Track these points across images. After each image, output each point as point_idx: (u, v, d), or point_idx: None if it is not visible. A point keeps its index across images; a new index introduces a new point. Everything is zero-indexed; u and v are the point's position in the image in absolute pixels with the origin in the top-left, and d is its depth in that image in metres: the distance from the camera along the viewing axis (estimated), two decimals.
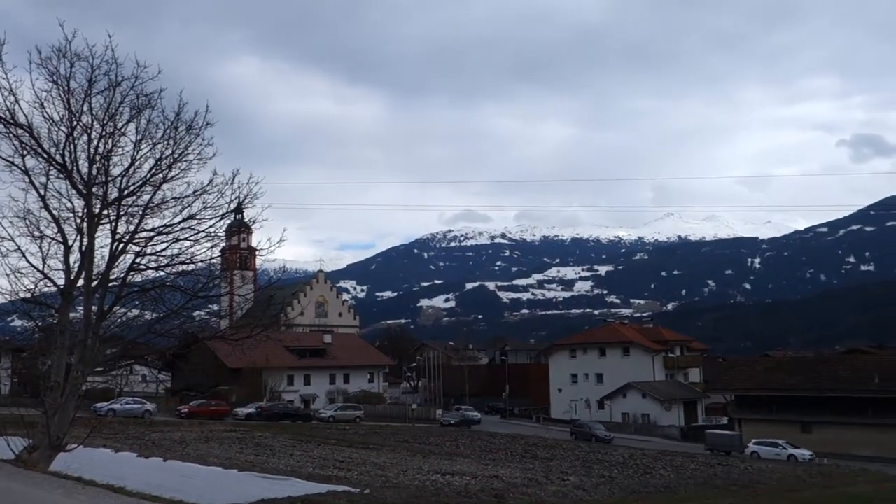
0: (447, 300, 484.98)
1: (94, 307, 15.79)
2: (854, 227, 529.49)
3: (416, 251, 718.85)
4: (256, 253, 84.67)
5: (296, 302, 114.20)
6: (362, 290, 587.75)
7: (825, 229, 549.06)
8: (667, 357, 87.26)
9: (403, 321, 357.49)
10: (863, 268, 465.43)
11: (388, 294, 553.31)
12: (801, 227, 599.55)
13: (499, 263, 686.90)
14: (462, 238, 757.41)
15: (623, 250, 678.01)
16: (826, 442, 59.35)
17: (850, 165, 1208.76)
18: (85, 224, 15.84)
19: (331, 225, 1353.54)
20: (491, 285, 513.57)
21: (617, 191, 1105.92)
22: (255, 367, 67.96)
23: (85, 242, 15.78)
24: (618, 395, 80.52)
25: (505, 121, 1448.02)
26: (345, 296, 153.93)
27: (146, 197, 16.35)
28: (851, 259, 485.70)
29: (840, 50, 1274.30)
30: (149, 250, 16.52)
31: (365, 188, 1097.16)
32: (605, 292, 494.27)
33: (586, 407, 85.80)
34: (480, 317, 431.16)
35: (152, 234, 16.44)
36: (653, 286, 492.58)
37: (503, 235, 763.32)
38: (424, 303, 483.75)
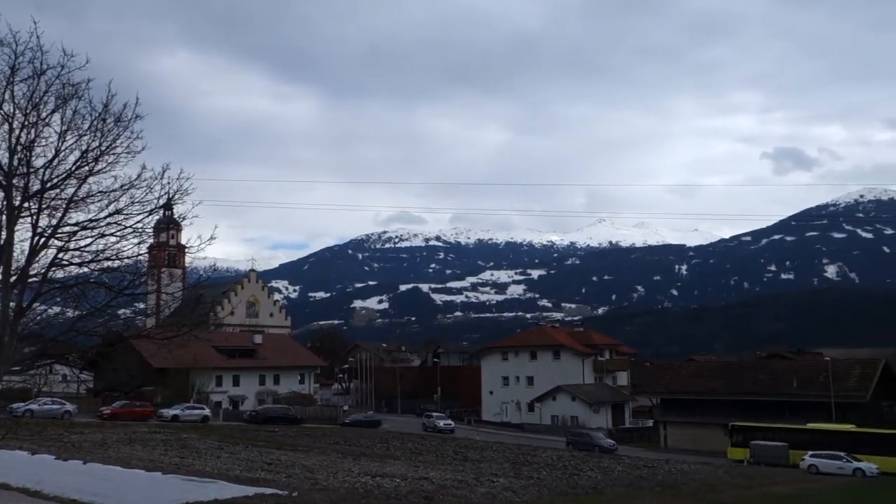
0: (381, 301, 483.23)
1: (11, 303, 15.18)
2: (776, 237, 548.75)
3: (350, 252, 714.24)
4: (186, 250, 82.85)
5: (226, 301, 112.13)
6: (295, 291, 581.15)
7: (749, 238, 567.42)
8: (596, 360, 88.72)
9: (336, 322, 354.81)
10: (783, 276, 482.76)
11: (321, 295, 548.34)
12: (727, 236, 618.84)
13: (433, 265, 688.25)
14: (397, 239, 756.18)
15: (556, 255, 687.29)
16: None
17: (772, 177, 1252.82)
18: (3, 217, 15.20)
19: (264, 224, 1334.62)
20: (425, 287, 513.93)
21: (551, 196, 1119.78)
22: (182, 367, 66.45)
23: (3, 236, 15.16)
24: (548, 397, 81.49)
25: (442, 123, 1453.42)
26: (276, 296, 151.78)
27: (70, 190, 15.79)
28: (773, 267, 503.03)
29: (764, 67, 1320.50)
30: (72, 245, 15.96)
31: (300, 188, 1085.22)
32: (537, 296, 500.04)
33: (517, 409, 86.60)
34: (414, 318, 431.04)
35: (76, 228, 15.89)
36: (584, 290, 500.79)
37: (438, 238, 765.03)
38: (358, 304, 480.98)
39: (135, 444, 40.33)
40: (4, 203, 15.23)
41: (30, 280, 15.61)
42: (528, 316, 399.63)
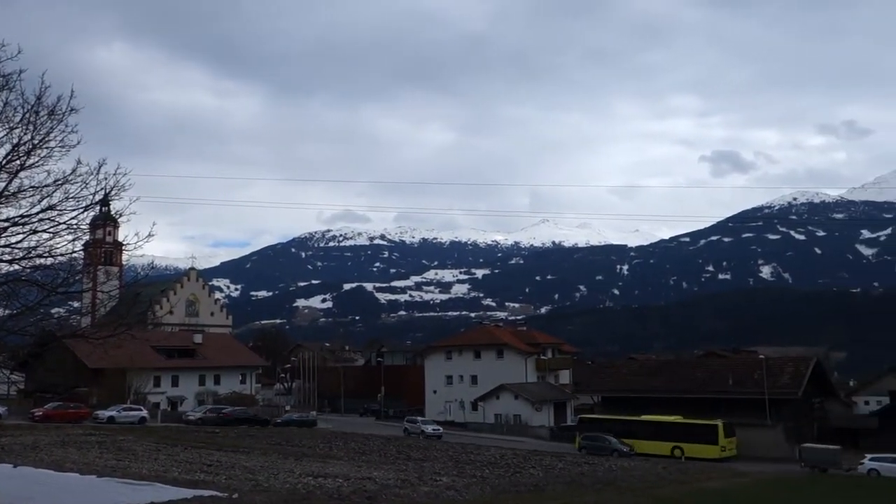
0: (324, 301, 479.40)
1: None
2: (713, 238, 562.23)
3: (293, 250, 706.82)
4: (123, 248, 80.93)
5: (164, 300, 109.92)
6: (236, 289, 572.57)
7: (687, 239, 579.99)
8: (539, 359, 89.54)
9: (279, 321, 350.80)
10: (720, 276, 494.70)
11: (263, 293, 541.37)
12: (666, 237, 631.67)
13: (377, 265, 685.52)
14: (341, 238, 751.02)
15: (500, 254, 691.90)
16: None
17: (710, 179, 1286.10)
18: None
19: (205, 221, 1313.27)
20: (369, 286, 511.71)
21: (495, 196, 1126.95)
22: (119, 367, 64.90)
23: None
24: (491, 396, 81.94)
25: (387, 122, 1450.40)
26: (217, 294, 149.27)
27: (0, 185, 15.30)
28: (710, 268, 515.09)
29: (702, 72, 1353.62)
30: (2, 242, 15.47)
31: (242, 184, 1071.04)
32: (481, 295, 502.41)
33: (460, 408, 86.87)
34: (358, 318, 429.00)
35: (7, 224, 15.40)
36: (527, 290, 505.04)
37: (382, 237, 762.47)
38: (301, 303, 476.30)
39: (69, 447, 39.22)
40: None
41: None
42: (473, 315, 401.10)
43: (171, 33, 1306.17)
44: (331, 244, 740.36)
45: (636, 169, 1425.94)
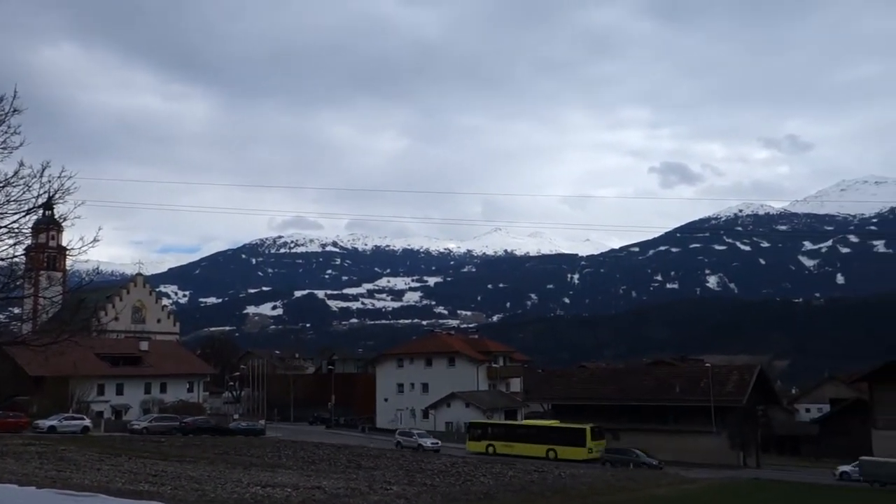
0: (275, 308, 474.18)
1: None
2: (662, 248, 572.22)
3: (243, 256, 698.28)
4: (67, 253, 78.84)
5: (110, 306, 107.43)
6: (184, 296, 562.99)
7: (637, 249, 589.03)
8: (490, 367, 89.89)
9: (228, 328, 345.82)
10: (668, 286, 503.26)
11: (212, 300, 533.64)
12: (616, 246, 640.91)
13: (329, 272, 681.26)
14: (292, 245, 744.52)
15: (452, 262, 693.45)
16: (632, 448, 63.37)
17: (659, 190, 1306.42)
18: None
19: (152, 226, 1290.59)
20: (320, 293, 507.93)
21: (448, 204, 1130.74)
22: (61, 375, 63.24)
23: None
24: (442, 404, 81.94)
25: (340, 129, 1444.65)
26: (165, 301, 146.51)
27: None
28: (659, 277, 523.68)
29: (651, 84, 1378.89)
30: None
31: (192, 189, 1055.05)
32: (433, 303, 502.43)
33: (411, 416, 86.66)
34: (309, 325, 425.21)
35: None
36: (479, 298, 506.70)
37: (334, 244, 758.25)
38: (251, 310, 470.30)
39: (7, 458, 37.99)
40: None
41: None
42: (425, 323, 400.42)
43: (122, 35, 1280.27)
44: (282, 251, 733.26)
45: (587, 179, 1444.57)
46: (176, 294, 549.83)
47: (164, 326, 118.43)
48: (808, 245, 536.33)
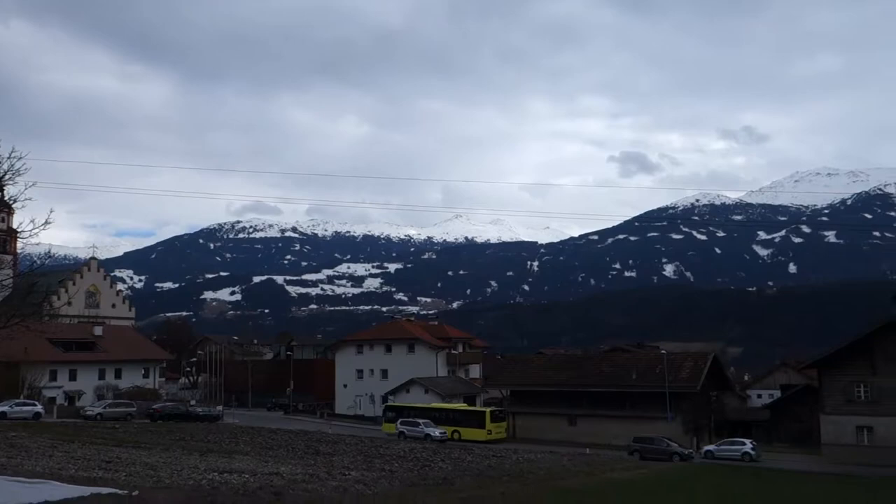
0: (233, 293, 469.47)
1: None
2: (620, 237, 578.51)
3: (201, 241, 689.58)
4: (17, 235, 76.45)
5: (63, 290, 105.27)
6: (140, 280, 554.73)
7: (596, 237, 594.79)
8: (450, 353, 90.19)
9: (185, 314, 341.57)
10: (626, 274, 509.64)
11: (168, 285, 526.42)
12: (576, 234, 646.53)
13: (288, 257, 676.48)
14: (251, 230, 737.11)
15: (413, 249, 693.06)
16: (588, 433, 64.26)
17: (618, 179, 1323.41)
18: None
19: (107, 209, 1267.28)
20: (279, 279, 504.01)
21: (409, 191, 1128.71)
22: (12, 360, 61.90)
23: None
24: (402, 390, 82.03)
25: (301, 113, 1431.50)
26: (120, 285, 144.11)
27: None
28: (617, 265, 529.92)
29: (612, 75, 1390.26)
30: None
31: (147, 172, 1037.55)
32: (393, 289, 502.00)
33: (370, 402, 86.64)
34: (267, 311, 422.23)
35: None
36: (439, 285, 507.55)
37: (294, 229, 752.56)
38: (208, 295, 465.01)
39: None
40: None
41: None
42: (385, 309, 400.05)
43: (77, 13, 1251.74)
44: (240, 236, 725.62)
45: (548, 167, 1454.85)
46: (131, 279, 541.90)
47: (119, 311, 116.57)
48: (762, 235, 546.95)
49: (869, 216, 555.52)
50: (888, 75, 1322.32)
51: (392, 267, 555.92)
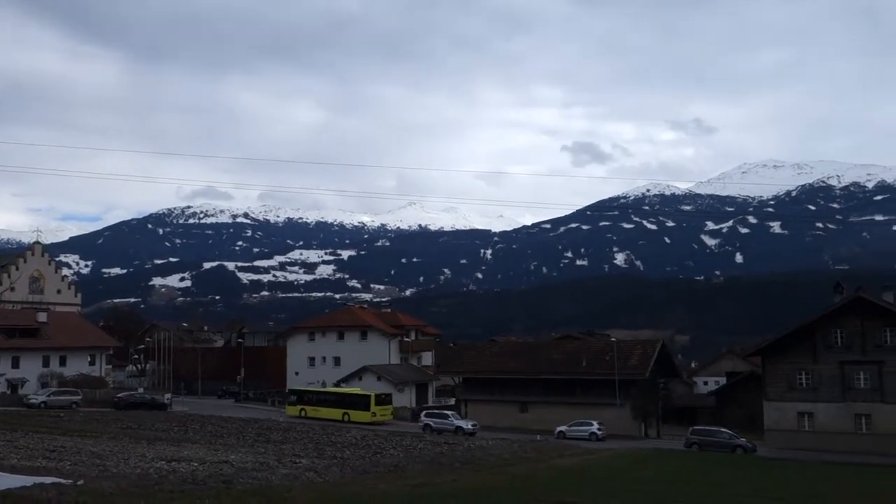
0: (183, 279, 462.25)
1: None
2: (573, 225, 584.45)
3: (149, 226, 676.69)
4: None
5: (5, 276, 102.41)
6: (87, 266, 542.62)
7: (549, 226, 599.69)
8: (403, 341, 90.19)
9: (133, 300, 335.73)
10: (578, 262, 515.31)
11: (116, 271, 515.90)
12: (529, 223, 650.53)
13: (240, 243, 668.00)
14: (202, 215, 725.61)
15: (366, 236, 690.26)
16: (539, 420, 64.94)
17: (571, 169, 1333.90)
18: None
19: (52, 193, 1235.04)
20: (230, 265, 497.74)
21: (362, 177, 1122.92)
22: None
23: None
24: (354, 377, 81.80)
25: (252, 97, 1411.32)
26: (65, 271, 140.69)
27: None
28: (569, 254, 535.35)
29: (565, 64, 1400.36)
30: None
31: (93, 155, 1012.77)
32: (346, 276, 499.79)
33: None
34: (218, 298, 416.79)
35: None
36: (393, 272, 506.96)
37: (246, 215, 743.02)
38: (157, 281, 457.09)
39: None
40: None
41: None
42: (338, 296, 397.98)
43: None
44: (190, 221, 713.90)
45: (501, 156, 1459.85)
46: (77, 264, 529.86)
47: (64, 297, 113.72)
48: (710, 225, 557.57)
49: (812, 208, 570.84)
50: (832, 70, 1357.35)
51: (345, 254, 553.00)
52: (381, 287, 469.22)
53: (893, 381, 52.60)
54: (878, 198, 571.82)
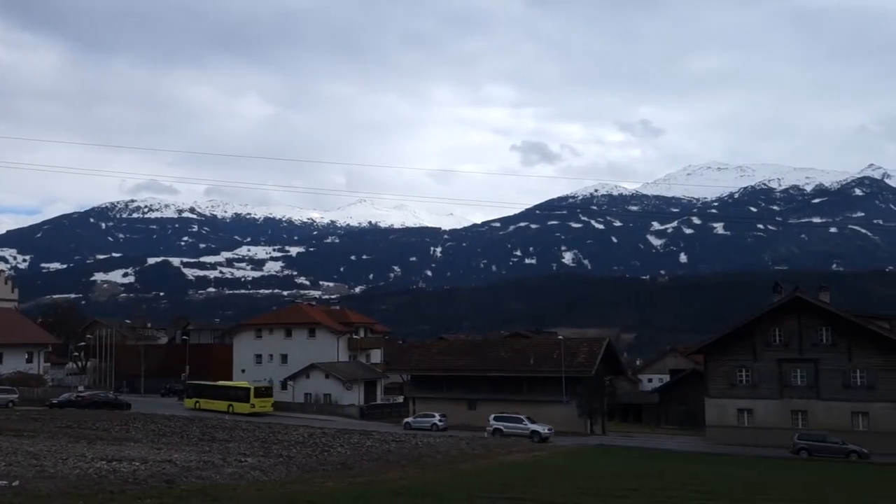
0: (126, 275, 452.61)
1: None
2: (522, 224, 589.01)
3: (91, 220, 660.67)
4: None
5: None
6: (24, 261, 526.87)
7: (498, 224, 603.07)
8: (351, 339, 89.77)
9: (73, 296, 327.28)
10: (527, 261, 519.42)
11: (56, 266, 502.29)
12: (479, 221, 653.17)
13: (185, 239, 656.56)
14: (146, 210, 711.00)
15: (315, 233, 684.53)
16: (487, 417, 65.28)
17: (521, 168, 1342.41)
18: None
19: None
20: (176, 261, 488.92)
21: (312, 173, 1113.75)
22: None
23: None
24: (301, 375, 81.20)
25: (200, 90, 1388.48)
26: (1, 265, 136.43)
27: None
28: (518, 252, 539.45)
29: (517, 64, 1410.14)
30: None
31: (32, 146, 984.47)
32: (295, 273, 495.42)
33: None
34: (163, 294, 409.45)
35: None
36: (342, 269, 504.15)
37: (192, 210, 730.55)
38: (99, 277, 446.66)
39: None
40: None
41: None
42: (286, 293, 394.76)
43: None
44: (134, 216, 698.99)
45: (452, 154, 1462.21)
46: (14, 258, 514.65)
47: (0, 293, 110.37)
48: (655, 225, 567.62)
49: (754, 209, 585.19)
50: (773, 75, 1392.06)
51: (294, 250, 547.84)
52: (331, 284, 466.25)
53: (828, 379, 54.39)
54: (816, 201, 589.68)
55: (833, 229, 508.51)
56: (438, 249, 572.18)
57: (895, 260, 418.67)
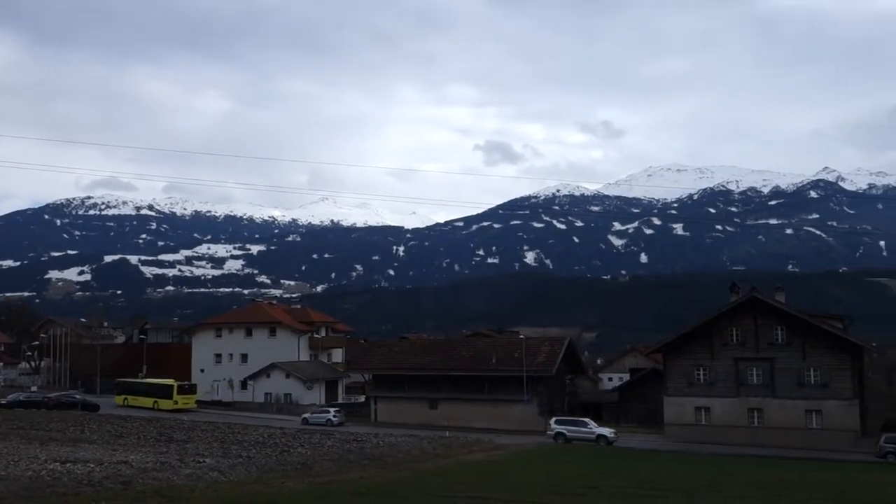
0: (82, 273, 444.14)
1: None
2: (485, 224, 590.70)
3: (46, 217, 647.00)
4: None
5: None
6: None
7: (461, 224, 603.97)
8: (312, 338, 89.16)
9: (27, 294, 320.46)
10: (489, 260, 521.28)
11: (8, 263, 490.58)
12: (442, 221, 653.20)
13: (143, 236, 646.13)
14: (103, 206, 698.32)
15: (277, 231, 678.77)
16: (449, 416, 65.38)
17: (483, 168, 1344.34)
18: None
19: None
20: (133, 259, 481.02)
21: (273, 171, 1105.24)
22: None
23: None
24: (262, 374, 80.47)
25: (159, 86, 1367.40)
26: None
27: None
28: (481, 252, 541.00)
29: (480, 64, 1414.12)
30: None
31: None
32: (256, 272, 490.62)
33: (229, 387, 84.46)
34: (120, 292, 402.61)
35: None
36: (304, 268, 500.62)
37: (150, 207, 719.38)
38: (54, 275, 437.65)
39: None
40: None
41: None
42: (246, 292, 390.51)
43: None
44: (91, 212, 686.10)
45: (414, 153, 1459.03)
46: None
47: None
48: (617, 226, 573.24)
49: (713, 210, 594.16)
50: (732, 78, 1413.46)
51: (255, 249, 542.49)
52: (292, 283, 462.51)
53: (783, 377, 55.43)
54: (773, 203, 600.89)
55: (789, 231, 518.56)
56: (401, 248, 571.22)
57: (848, 261, 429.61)
